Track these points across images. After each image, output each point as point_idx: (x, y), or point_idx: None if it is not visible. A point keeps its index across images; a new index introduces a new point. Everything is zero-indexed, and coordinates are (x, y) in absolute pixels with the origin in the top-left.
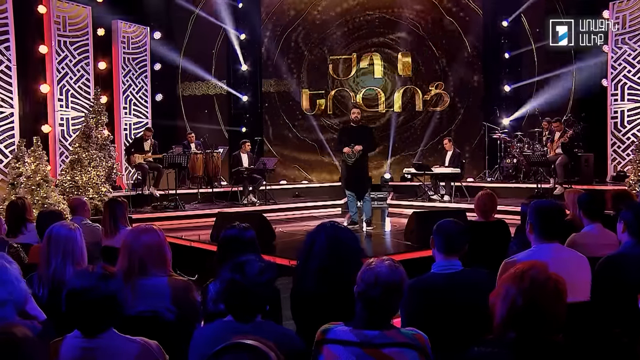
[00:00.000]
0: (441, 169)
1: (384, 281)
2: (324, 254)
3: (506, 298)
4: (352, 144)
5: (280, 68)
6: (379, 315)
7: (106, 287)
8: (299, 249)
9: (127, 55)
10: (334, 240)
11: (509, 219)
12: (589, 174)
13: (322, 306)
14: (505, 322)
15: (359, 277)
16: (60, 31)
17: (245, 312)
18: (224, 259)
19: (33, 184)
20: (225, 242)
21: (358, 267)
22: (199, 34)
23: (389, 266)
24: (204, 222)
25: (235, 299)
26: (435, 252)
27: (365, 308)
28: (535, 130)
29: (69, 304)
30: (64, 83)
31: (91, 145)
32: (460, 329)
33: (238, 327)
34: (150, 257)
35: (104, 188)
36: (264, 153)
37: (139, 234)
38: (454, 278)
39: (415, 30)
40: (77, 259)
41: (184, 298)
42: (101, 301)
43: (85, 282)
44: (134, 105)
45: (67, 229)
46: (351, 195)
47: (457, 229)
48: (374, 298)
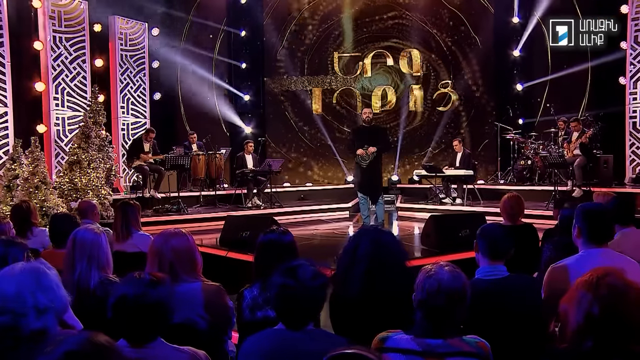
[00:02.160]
0: (453, 171)
1: (447, 288)
2: (368, 259)
3: (581, 305)
4: (366, 146)
5: (283, 66)
6: (442, 323)
7: (155, 293)
8: (340, 254)
9: (124, 53)
10: (378, 244)
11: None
12: (608, 176)
13: (365, 312)
14: (581, 331)
15: (419, 284)
16: (56, 27)
17: (298, 319)
18: (263, 264)
19: (31, 186)
20: (264, 247)
21: (402, 271)
22: (199, 31)
23: (450, 272)
24: (207, 226)
25: (289, 305)
26: (480, 257)
27: (427, 317)
28: (550, 130)
29: (117, 312)
30: (60, 81)
31: (91, 146)
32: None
33: (291, 335)
34: (180, 262)
35: (104, 191)
36: (266, 154)
37: (168, 238)
38: (500, 284)
39: (424, 27)
40: (102, 264)
41: (216, 304)
42: (150, 308)
43: (134, 289)
44: (132, 104)
45: (92, 233)
46: (364, 198)
47: (503, 232)
48: (438, 306)
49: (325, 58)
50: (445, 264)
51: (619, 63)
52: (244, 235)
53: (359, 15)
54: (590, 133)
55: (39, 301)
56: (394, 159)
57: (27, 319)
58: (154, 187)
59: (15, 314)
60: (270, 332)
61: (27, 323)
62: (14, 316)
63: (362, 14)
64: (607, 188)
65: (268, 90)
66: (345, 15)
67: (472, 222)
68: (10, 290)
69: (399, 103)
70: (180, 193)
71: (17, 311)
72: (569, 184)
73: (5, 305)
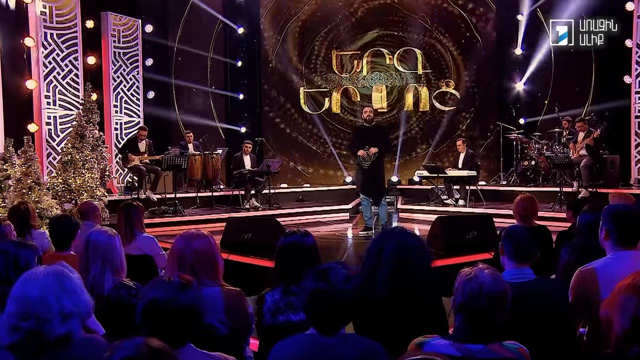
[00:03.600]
0: (456, 172)
1: (489, 292)
2: (394, 262)
3: (626, 310)
4: (367, 146)
5: (280, 64)
6: (483, 328)
7: (186, 297)
8: (363, 257)
9: (117, 50)
10: (403, 246)
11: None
12: (615, 177)
13: (390, 316)
14: (627, 336)
15: (459, 288)
16: (47, 22)
17: (331, 323)
18: (284, 267)
19: (24, 187)
20: (285, 250)
21: (428, 274)
22: (194, 28)
23: (491, 275)
24: (204, 228)
25: (321, 309)
26: (505, 260)
27: (468, 321)
28: (554, 130)
29: (147, 317)
30: (51, 79)
31: (85, 145)
32: (537, 341)
33: (323, 340)
34: (201, 265)
35: (100, 192)
36: (263, 154)
37: (189, 240)
38: (527, 287)
39: (425, 24)
40: (116, 267)
41: (236, 309)
42: (181, 313)
43: (164, 293)
44: (125, 103)
45: (106, 236)
46: (366, 199)
47: (528, 234)
48: (479, 310)
49: (324, 56)
50: (485, 267)
51: (623, 61)
52: (246, 238)
53: (358, 12)
54: (597, 134)
55: (64, 306)
56: (393, 160)
57: (51, 324)
58: (150, 188)
59: (40, 319)
60: (302, 337)
61: (51, 328)
62: (38, 321)
63: (362, 12)
64: (615, 189)
65: (264, 89)
66: (344, 12)
67: (480, 223)
68: (34, 294)
69: (398, 102)
70: (177, 194)
71: (42, 316)
72: (574, 185)
73: (29, 310)
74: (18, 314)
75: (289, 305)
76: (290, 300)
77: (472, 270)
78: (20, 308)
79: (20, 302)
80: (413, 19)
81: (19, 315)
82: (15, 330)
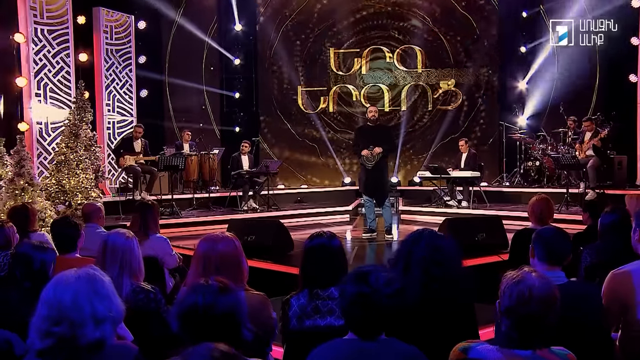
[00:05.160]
0: (459, 173)
1: (539, 296)
2: (426, 263)
3: None
4: (371, 146)
5: (277, 62)
6: (532, 333)
7: (226, 301)
8: (391, 261)
9: (109, 47)
10: (434, 248)
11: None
12: (622, 178)
13: (422, 320)
14: None
15: (505, 291)
16: (37, 18)
17: (373, 328)
18: (311, 270)
19: (16, 189)
20: (312, 253)
21: (461, 277)
22: (189, 24)
23: (539, 278)
24: (203, 230)
25: (363, 313)
26: (537, 263)
27: (516, 326)
28: (559, 130)
29: (187, 323)
30: (42, 76)
31: (79, 145)
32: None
33: (364, 345)
34: (227, 269)
35: (95, 193)
36: (260, 154)
37: (215, 242)
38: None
39: (426, 22)
40: (134, 271)
41: (261, 315)
42: (223, 317)
43: (204, 298)
44: (118, 101)
45: (124, 238)
46: (369, 200)
47: (561, 236)
48: (530, 315)
49: (322, 55)
50: (531, 270)
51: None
52: (249, 240)
53: (357, 10)
54: (605, 134)
55: (97, 310)
56: (393, 160)
57: (85, 329)
58: (146, 189)
59: (73, 324)
60: (341, 342)
61: (84, 333)
62: (71, 326)
63: (361, 9)
64: (622, 190)
65: (261, 88)
66: (342, 9)
67: (488, 225)
68: (67, 298)
69: (398, 102)
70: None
71: (75, 321)
72: (581, 185)
73: (62, 315)
74: (50, 318)
75: (316, 310)
76: (317, 304)
77: (518, 273)
78: (52, 312)
79: (53, 306)
80: (413, 17)
81: (51, 320)
82: (47, 335)
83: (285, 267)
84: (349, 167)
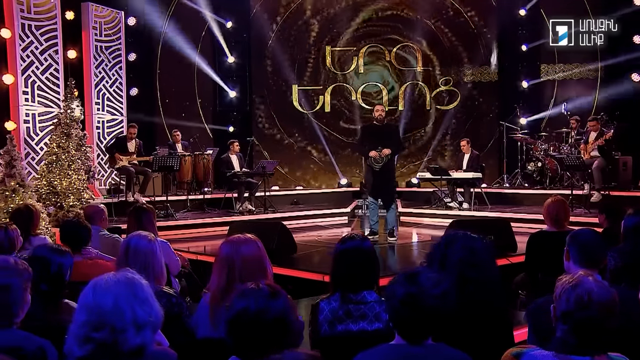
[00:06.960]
0: (461, 174)
1: (599, 300)
2: (462, 265)
3: None
4: (379, 147)
5: (272, 61)
6: (591, 338)
7: (277, 305)
8: (424, 263)
9: (99, 44)
10: (470, 251)
11: (538, 228)
12: (627, 179)
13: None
14: None
15: (562, 296)
16: (24, 13)
17: (422, 331)
18: (344, 273)
19: (7, 190)
20: (345, 255)
21: (498, 281)
22: (180, 20)
23: (596, 282)
24: (198, 232)
25: (413, 315)
26: (571, 266)
27: (574, 331)
28: (561, 130)
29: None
30: (30, 73)
31: (71, 145)
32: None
33: (411, 350)
34: (250, 273)
35: (87, 194)
36: (253, 155)
37: (238, 246)
38: None
39: (425, 20)
40: (157, 274)
41: None
42: (275, 323)
43: (255, 302)
44: (108, 100)
45: (146, 241)
46: (374, 202)
47: (597, 237)
48: (589, 320)
49: (318, 52)
50: (587, 273)
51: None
52: None
53: (354, 7)
54: (610, 135)
55: (138, 315)
56: None
57: (126, 335)
58: (139, 191)
59: (115, 329)
60: (387, 348)
61: (125, 339)
62: (112, 331)
63: (359, 6)
64: (627, 192)
65: (255, 86)
66: (339, 5)
67: (496, 228)
68: (107, 303)
69: (396, 101)
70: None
71: (117, 326)
72: (585, 187)
73: (103, 320)
74: (90, 323)
75: (348, 314)
76: (349, 308)
77: (574, 277)
78: (92, 317)
79: (92, 311)
80: (412, 15)
81: (92, 325)
82: (87, 341)
83: (289, 270)
84: (345, 167)
